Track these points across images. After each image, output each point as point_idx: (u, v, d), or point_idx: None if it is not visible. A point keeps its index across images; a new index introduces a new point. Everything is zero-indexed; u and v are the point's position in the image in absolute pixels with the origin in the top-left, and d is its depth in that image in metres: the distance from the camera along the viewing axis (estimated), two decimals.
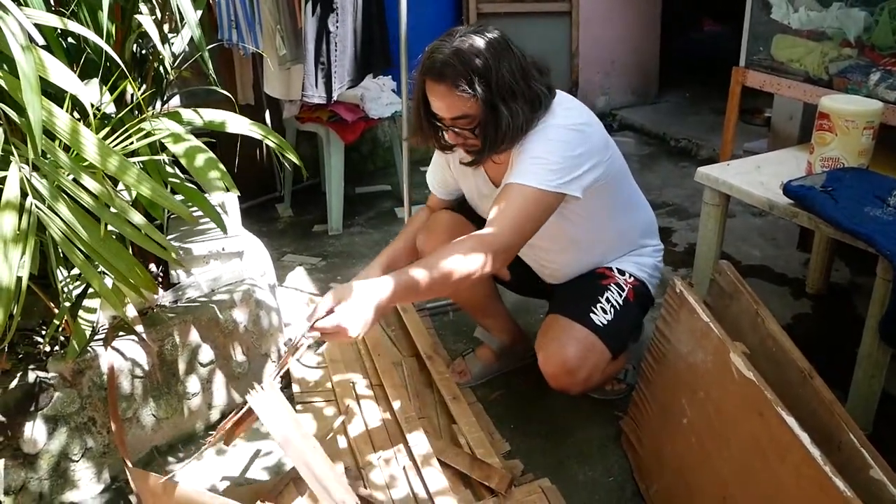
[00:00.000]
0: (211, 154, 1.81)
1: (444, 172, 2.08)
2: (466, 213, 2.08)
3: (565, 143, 1.70)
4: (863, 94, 2.19)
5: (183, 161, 1.78)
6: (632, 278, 1.99)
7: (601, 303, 1.91)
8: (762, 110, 4.28)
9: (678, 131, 4.50)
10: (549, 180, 1.66)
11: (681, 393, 1.72)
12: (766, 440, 1.40)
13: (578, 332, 1.86)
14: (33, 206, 1.45)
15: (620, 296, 1.94)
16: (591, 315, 1.88)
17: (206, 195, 1.90)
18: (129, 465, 1.73)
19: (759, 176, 2.16)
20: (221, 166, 1.81)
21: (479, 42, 1.66)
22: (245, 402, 1.43)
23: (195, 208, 1.95)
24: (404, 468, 1.83)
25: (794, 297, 2.74)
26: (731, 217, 3.28)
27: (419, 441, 1.89)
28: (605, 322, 1.88)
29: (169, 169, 1.96)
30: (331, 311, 1.44)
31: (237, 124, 1.94)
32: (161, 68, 2.06)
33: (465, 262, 1.55)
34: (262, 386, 1.43)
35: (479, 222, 2.06)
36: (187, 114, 1.93)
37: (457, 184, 2.06)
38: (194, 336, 1.99)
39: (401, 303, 1.41)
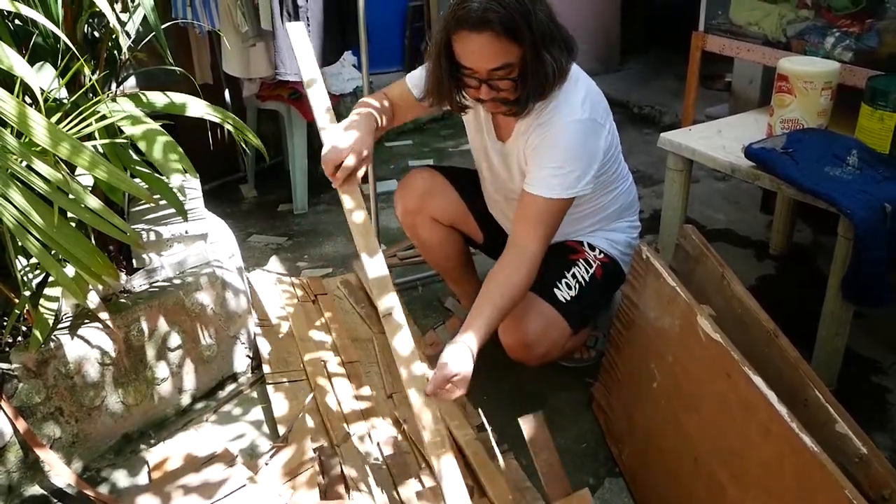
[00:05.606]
0: (169, 137, 1.77)
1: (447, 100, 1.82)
2: (445, 172, 2.12)
3: (580, 145, 1.71)
4: (820, 55, 2.21)
5: (140, 145, 1.74)
6: (602, 255, 1.98)
7: (567, 278, 1.91)
8: (723, 75, 4.30)
9: (641, 98, 4.51)
10: (567, 188, 1.70)
11: (650, 357, 1.74)
12: (734, 400, 1.42)
13: (541, 306, 1.86)
14: None
15: (588, 272, 1.94)
16: (556, 290, 1.88)
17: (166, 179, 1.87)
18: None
19: (720, 140, 2.17)
20: (180, 150, 1.78)
21: None
22: None
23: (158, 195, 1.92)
24: (378, 444, 1.83)
25: (758, 259, 2.78)
26: (695, 182, 3.31)
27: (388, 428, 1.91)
28: (569, 298, 1.89)
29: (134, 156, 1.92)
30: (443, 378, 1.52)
31: (196, 108, 1.90)
32: (115, 50, 2.01)
33: (520, 284, 1.68)
34: None
35: (457, 179, 2.10)
36: (147, 96, 1.89)
37: (440, 102, 1.82)
38: (161, 321, 1.96)
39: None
